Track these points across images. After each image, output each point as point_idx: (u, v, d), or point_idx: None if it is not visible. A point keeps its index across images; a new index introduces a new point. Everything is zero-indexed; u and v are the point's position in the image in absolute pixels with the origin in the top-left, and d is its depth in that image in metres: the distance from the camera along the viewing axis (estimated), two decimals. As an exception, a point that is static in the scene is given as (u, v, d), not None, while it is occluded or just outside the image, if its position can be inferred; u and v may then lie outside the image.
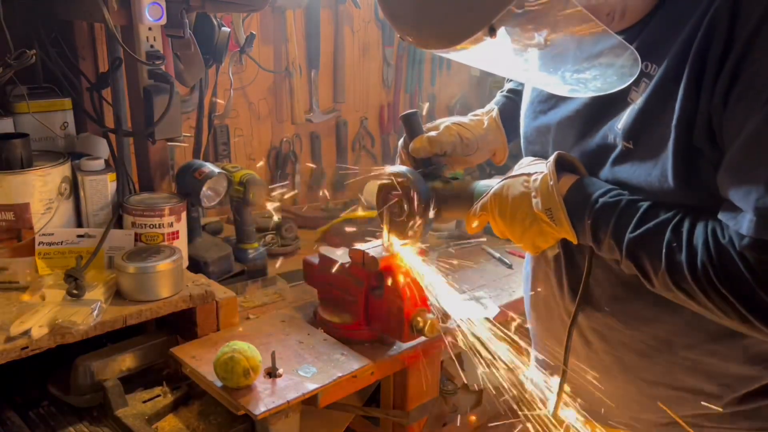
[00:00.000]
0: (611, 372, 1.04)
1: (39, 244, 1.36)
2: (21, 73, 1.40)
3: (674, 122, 0.81)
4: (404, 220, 1.14)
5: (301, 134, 2.34)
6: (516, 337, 1.20)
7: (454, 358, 1.56)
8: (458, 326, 1.32)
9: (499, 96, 1.31)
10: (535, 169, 0.97)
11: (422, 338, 1.35)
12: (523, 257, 1.92)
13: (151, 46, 1.46)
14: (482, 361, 1.21)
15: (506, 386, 1.18)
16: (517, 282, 1.76)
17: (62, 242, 1.38)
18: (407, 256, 1.28)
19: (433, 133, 1.16)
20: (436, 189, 1.11)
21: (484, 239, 2.10)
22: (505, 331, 1.21)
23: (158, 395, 1.33)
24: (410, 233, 1.15)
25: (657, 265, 0.83)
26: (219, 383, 1.21)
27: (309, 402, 1.24)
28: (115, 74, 1.64)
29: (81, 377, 1.29)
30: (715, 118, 0.79)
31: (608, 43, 0.81)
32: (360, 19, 2.38)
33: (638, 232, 0.84)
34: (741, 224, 0.77)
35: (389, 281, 1.31)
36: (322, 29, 2.27)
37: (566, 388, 1.08)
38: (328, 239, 2.03)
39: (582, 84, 0.87)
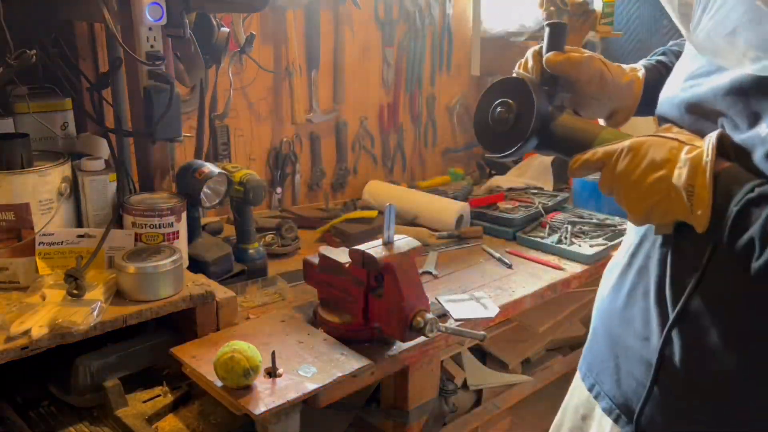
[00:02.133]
0: (706, 398, 0.91)
1: (39, 244, 1.36)
2: (21, 73, 1.40)
3: None
4: (503, 131, 1.01)
5: (301, 134, 2.34)
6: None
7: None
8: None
9: (645, 61, 1.16)
10: (688, 138, 0.86)
11: (422, 338, 1.35)
12: (522, 257, 1.92)
13: (151, 47, 1.46)
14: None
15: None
16: (517, 282, 1.76)
17: (62, 242, 1.38)
18: None
19: (575, 55, 1.03)
20: (557, 115, 0.99)
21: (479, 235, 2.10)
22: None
23: (158, 395, 1.33)
24: (501, 147, 1.03)
25: None
26: (219, 383, 1.21)
27: (309, 402, 1.24)
28: (115, 74, 1.64)
29: (81, 377, 1.29)
30: None
31: None
32: (360, 19, 2.38)
33: None
34: None
35: (389, 281, 1.31)
36: (322, 29, 2.28)
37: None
38: (328, 239, 2.03)
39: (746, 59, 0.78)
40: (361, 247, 1.35)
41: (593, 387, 1.09)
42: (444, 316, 1.55)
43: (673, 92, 0.97)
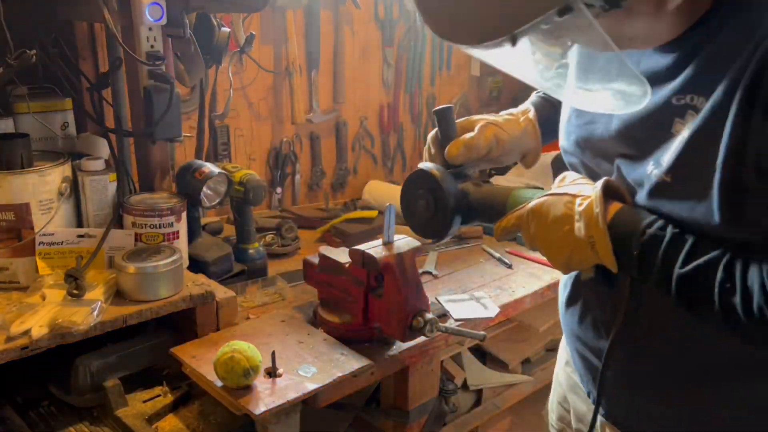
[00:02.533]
0: (657, 397, 1.00)
1: (39, 244, 1.36)
2: (21, 73, 1.40)
3: (721, 160, 0.78)
4: (428, 219, 1.10)
5: (301, 134, 2.34)
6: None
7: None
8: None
9: (534, 96, 1.24)
10: (579, 190, 0.93)
11: (422, 338, 1.35)
12: (522, 257, 1.92)
13: (151, 46, 1.46)
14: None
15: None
16: (517, 282, 1.76)
17: (62, 242, 1.38)
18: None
19: (469, 136, 1.11)
20: (468, 192, 1.07)
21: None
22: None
23: (158, 395, 1.33)
24: (433, 233, 1.11)
25: (710, 305, 0.80)
26: (219, 383, 1.22)
27: (309, 402, 1.24)
28: (115, 74, 1.64)
29: (81, 377, 1.29)
30: (764, 158, 0.75)
31: (622, 72, 0.80)
32: (360, 19, 2.38)
33: (688, 268, 0.81)
34: None
35: (389, 281, 1.31)
36: (322, 29, 2.28)
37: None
38: (328, 239, 2.03)
39: (590, 100, 0.86)
40: (361, 247, 1.35)
41: (590, 394, 1.12)
42: (444, 316, 1.55)
43: (568, 127, 1.04)
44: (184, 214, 1.50)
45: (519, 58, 0.80)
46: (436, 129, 1.15)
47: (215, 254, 1.62)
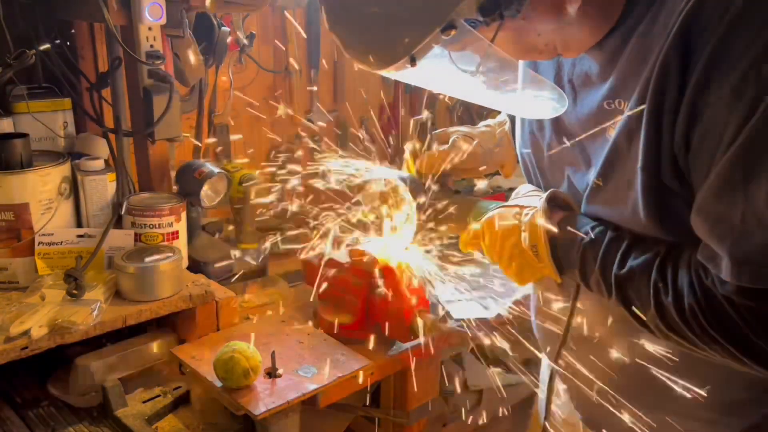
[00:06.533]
0: (622, 399, 1.02)
1: (39, 244, 1.36)
2: (21, 73, 1.40)
3: (639, 164, 0.80)
4: (402, 224, 1.15)
5: (301, 134, 2.34)
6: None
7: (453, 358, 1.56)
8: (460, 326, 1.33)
9: None
10: (528, 202, 0.97)
11: (422, 338, 1.35)
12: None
13: (151, 46, 1.46)
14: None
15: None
16: (517, 282, 1.76)
17: (62, 242, 1.38)
18: (405, 259, 1.28)
19: (442, 148, 1.16)
20: (438, 199, 1.12)
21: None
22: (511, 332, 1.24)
23: (158, 395, 1.33)
24: (406, 238, 1.17)
25: (646, 305, 0.82)
26: (219, 383, 1.21)
27: (309, 402, 1.24)
28: (115, 74, 1.64)
29: (81, 377, 1.29)
30: (680, 158, 0.77)
31: (530, 79, 0.84)
32: (360, 19, 2.38)
33: (624, 270, 0.84)
34: (720, 269, 0.75)
35: (389, 281, 1.31)
36: (322, 29, 2.27)
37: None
38: (328, 239, 2.03)
39: (517, 106, 0.90)
40: (361, 247, 1.35)
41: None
42: (444, 316, 1.55)
43: (522, 134, 1.07)
44: (183, 214, 1.50)
45: (440, 74, 0.84)
46: (413, 141, 1.20)
47: (215, 254, 1.62)
